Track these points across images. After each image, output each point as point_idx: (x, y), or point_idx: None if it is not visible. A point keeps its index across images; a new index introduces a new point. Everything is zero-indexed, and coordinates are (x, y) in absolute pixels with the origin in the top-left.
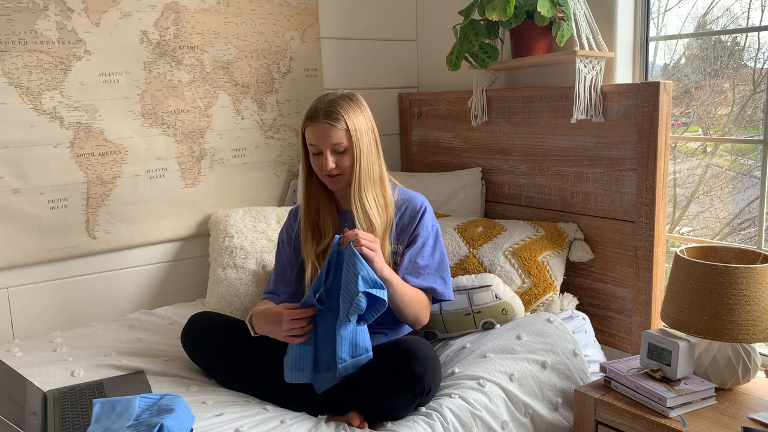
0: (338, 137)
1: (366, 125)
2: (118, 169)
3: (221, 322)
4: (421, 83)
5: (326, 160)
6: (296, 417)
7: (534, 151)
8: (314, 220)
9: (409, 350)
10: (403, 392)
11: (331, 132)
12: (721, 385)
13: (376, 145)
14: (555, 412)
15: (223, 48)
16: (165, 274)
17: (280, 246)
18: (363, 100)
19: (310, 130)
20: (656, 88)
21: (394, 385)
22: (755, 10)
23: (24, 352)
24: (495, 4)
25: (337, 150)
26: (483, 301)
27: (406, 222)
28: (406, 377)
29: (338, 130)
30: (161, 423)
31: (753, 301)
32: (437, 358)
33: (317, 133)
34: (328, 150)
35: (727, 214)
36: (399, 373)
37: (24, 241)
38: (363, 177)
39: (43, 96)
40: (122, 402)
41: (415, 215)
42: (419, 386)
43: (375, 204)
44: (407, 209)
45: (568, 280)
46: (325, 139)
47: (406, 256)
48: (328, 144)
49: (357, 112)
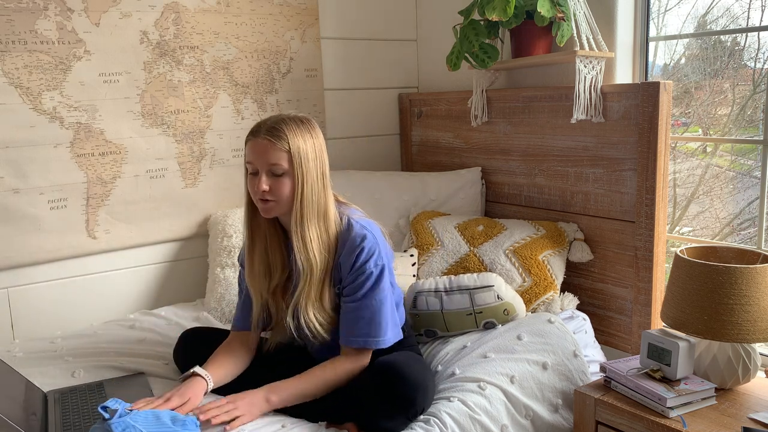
0: (276, 157)
1: (313, 152)
2: (118, 169)
3: (212, 338)
4: (421, 83)
5: (260, 181)
6: (296, 422)
7: (534, 151)
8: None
9: (399, 374)
10: (396, 415)
11: (269, 150)
12: (721, 385)
13: (323, 177)
14: (555, 413)
15: (223, 48)
16: (165, 274)
17: (241, 276)
18: (317, 127)
19: (249, 146)
20: (656, 88)
21: (386, 408)
22: (755, 10)
23: (24, 352)
24: (495, 4)
25: (274, 172)
26: (485, 301)
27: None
28: (397, 402)
29: (278, 150)
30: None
31: (753, 301)
32: (430, 377)
33: (255, 149)
34: (264, 170)
35: (727, 214)
36: (390, 397)
37: (24, 241)
38: (305, 207)
39: (43, 96)
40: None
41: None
42: (411, 410)
43: (318, 240)
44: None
45: (568, 280)
46: (262, 157)
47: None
48: (265, 163)
49: (305, 137)
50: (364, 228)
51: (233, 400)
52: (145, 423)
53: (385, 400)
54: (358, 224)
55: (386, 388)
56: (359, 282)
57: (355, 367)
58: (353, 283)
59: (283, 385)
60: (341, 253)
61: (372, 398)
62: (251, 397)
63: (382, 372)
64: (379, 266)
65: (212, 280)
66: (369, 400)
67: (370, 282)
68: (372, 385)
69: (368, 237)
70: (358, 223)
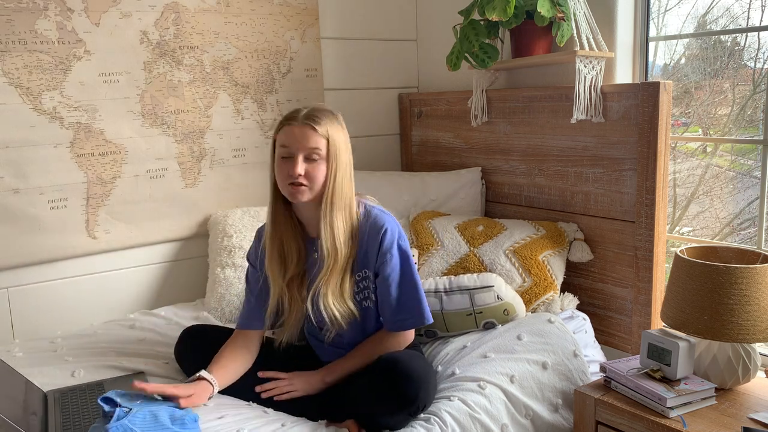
0: (315, 142)
1: (345, 144)
2: (118, 169)
3: (214, 336)
4: (421, 83)
5: (296, 164)
6: (296, 421)
7: (534, 151)
8: (280, 245)
9: (402, 371)
10: (398, 412)
11: (310, 135)
12: (721, 385)
13: (351, 170)
14: (555, 413)
15: (223, 48)
16: (165, 274)
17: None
18: (344, 124)
19: (285, 131)
20: (656, 88)
21: (389, 405)
22: (755, 10)
23: (24, 352)
24: (495, 4)
25: (311, 157)
26: (485, 301)
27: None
28: (399, 398)
29: (318, 135)
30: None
31: (753, 301)
32: (431, 374)
33: (294, 134)
34: (302, 154)
35: (727, 214)
36: (393, 394)
37: (24, 241)
38: (336, 195)
39: (43, 96)
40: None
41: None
42: (413, 406)
43: (344, 228)
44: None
45: (568, 280)
46: (302, 141)
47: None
48: (304, 147)
49: (339, 128)
50: (383, 212)
51: (291, 378)
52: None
53: (387, 396)
54: (376, 209)
55: (390, 384)
56: (391, 263)
57: (402, 342)
58: (384, 265)
59: (338, 366)
60: (364, 239)
61: (374, 394)
62: (309, 377)
63: (386, 369)
64: (404, 245)
65: (212, 280)
66: (371, 396)
67: (401, 261)
68: (375, 381)
69: (388, 220)
70: (375, 209)
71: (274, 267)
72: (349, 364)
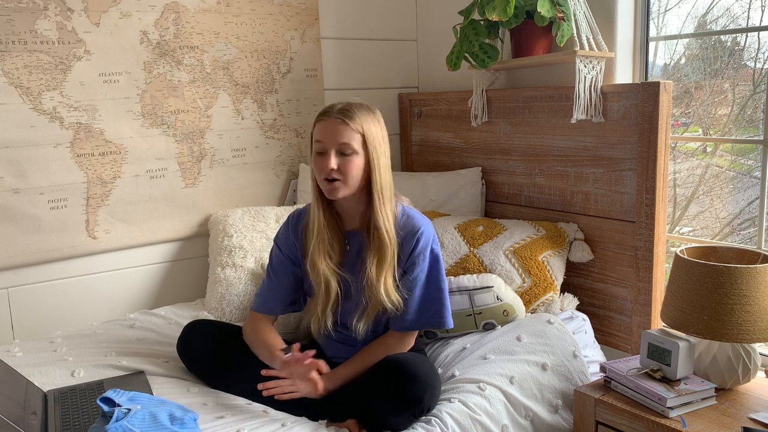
0: (348, 137)
1: (382, 138)
2: (118, 169)
3: (217, 332)
4: (421, 83)
5: (328, 158)
6: (296, 421)
7: (534, 151)
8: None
9: (409, 373)
10: (402, 412)
11: (342, 130)
12: (721, 385)
13: (389, 165)
14: (555, 414)
15: (223, 48)
16: (165, 274)
17: (275, 256)
18: (382, 118)
19: (319, 126)
20: (656, 88)
21: (394, 405)
22: (755, 10)
23: (24, 352)
24: (495, 4)
25: (343, 151)
26: (484, 302)
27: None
28: (405, 400)
29: (351, 130)
30: None
31: (753, 301)
32: (437, 376)
33: (326, 128)
34: (334, 149)
35: (727, 214)
36: (398, 395)
37: (24, 241)
38: (384, 189)
39: (43, 96)
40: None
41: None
42: (419, 407)
43: (390, 222)
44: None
45: (568, 280)
46: (334, 136)
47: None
48: (336, 142)
49: (375, 123)
50: (420, 215)
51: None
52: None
53: (393, 397)
54: (413, 210)
55: (396, 385)
56: (421, 266)
57: (404, 346)
58: (413, 267)
59: (338, 374)
60: (399, 238)
61: (379, 395)
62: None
63: (393, 370)
64: (437, 250)
65: (212, 280)
66: (376, 396)
67: (430, 264)
68: (381, 382)
69: (425, 223)
70: (413, 210)
71: (319, 258)
72: (349, 371)
